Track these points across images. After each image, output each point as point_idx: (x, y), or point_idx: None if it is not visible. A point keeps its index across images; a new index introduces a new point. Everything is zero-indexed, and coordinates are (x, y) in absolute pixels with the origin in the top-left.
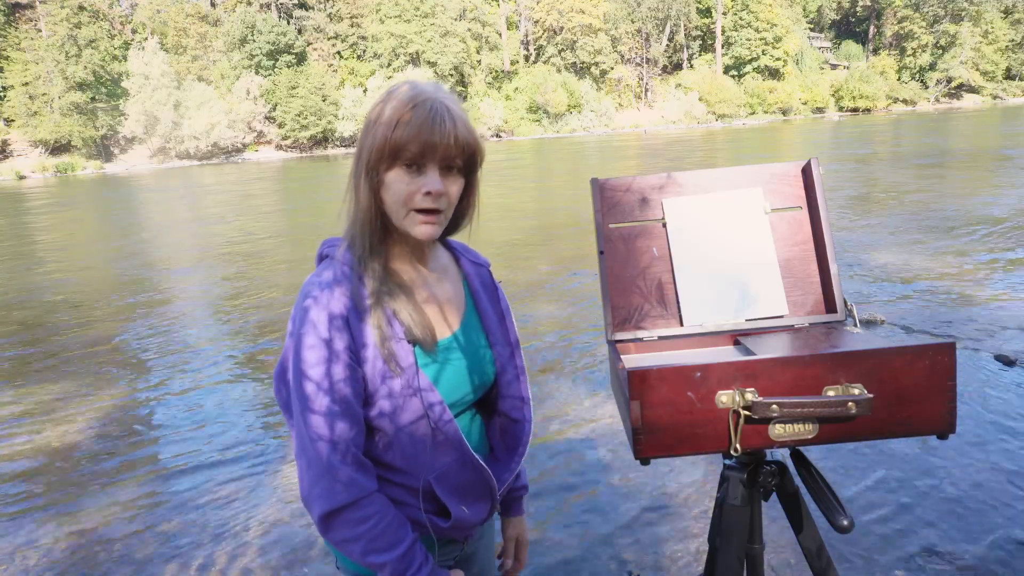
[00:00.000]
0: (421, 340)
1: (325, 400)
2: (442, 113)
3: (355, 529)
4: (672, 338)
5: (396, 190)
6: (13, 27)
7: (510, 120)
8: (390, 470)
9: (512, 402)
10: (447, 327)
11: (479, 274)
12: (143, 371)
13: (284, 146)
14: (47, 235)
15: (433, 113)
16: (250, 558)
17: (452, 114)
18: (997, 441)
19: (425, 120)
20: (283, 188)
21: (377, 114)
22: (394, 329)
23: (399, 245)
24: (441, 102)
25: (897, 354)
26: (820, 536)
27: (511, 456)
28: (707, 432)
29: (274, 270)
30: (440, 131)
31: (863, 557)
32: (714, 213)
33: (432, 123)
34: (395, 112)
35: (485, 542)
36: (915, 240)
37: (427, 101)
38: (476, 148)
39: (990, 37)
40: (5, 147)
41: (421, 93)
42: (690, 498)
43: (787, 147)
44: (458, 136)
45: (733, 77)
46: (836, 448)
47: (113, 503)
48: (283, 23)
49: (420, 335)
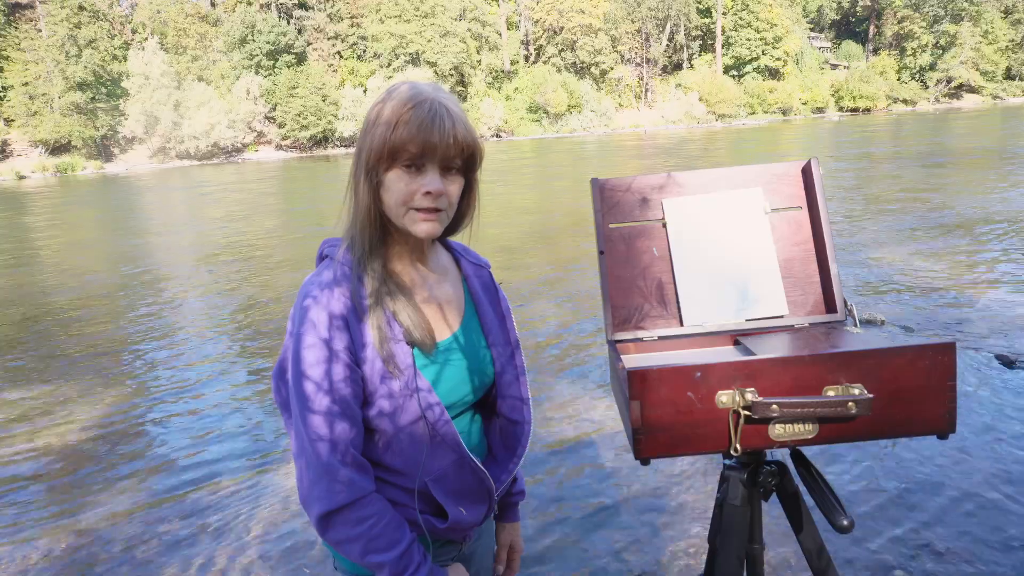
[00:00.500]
0: (420, 342)
1: (324, 400)
2: (441, 113)
3: (354, 529)
4: (672, 338)
5: (396, 190)
6: (13, 27)
7: (510, 120)
8: (388, 471)
9: (512, 403)
10: (447, 328)
11: (479, 275)
12: (143, 371)
13: (284, 146)
14: (47, 235)
15: (432, 113)
16: (250, 558)
17: (451, 114)
18: (997, 441)
19: (424, 120)
20: (283, 188)
21: (376, 115)
22: (393, 330)
23: (399, 245)
24: (440, 102)
25: (897, 354)
26: (820, 536)
27: (510, 457)
28: (707, 432)
29: (274, 270)
30: (439, 131)
31: (863, 557)
32: (714, 213)
33: (431, 123)
34: (394, 113)
35: (484, 542)
36: (915, 240)
37: (426, 101)
38: (475, 148)
39: (990, 37)
40: (5, 147)
41: (420, 93)
42: (690, 498)
43: (787, 147)
44: (457, 136)
45: (733, 77)
46: (836, 448)
47: (113, 503)
48: (283, 23)
49: (419, 337)
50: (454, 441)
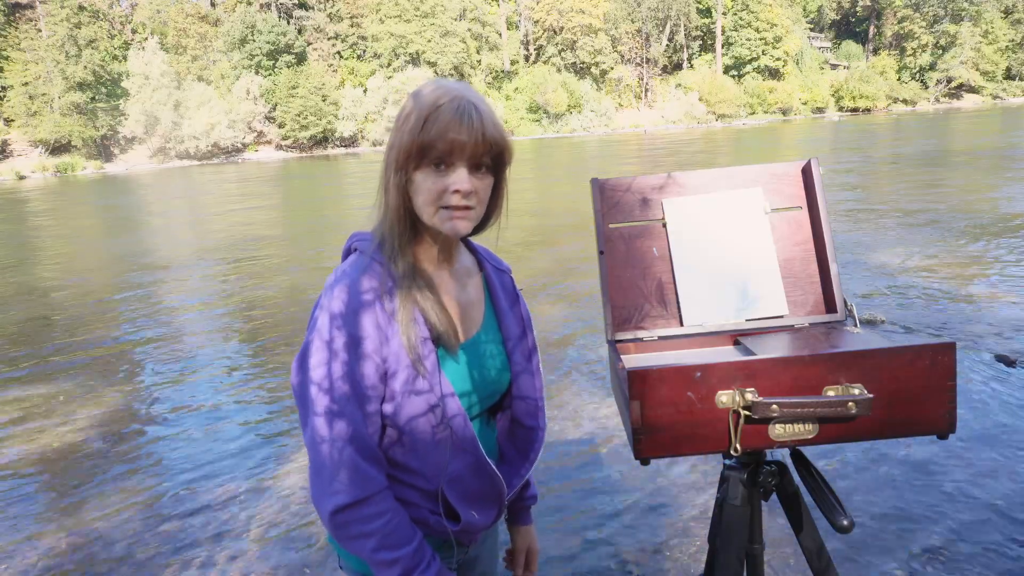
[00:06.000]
0: (445, 341)
1: (346, 394)
2: (469, 111)
3: (368, 525)
4: (672, 338)
5: (425, 189)
6: (13, 27)
7: (510, 120)
8: (403, 470)
9: (527, 408)
10: (470, 329)
11: (501, 279)
12: (143, 371)
13: (284, 146)
14: (47, 235)
15: (460, 111)
16: (250, 558)
17: (479, 111)
18: (997, 441)
19: (452, 118)
20: (283, 188)
21: (405, 114)
22: (420, 328)
23: (428, 244)
24: (468, 100)
25: (897, 354)
26: (820, 536)
27: (523, 461)
28: (707, 432)
29: (274, 270)
30: (467, 129)
31: (863, 557)
32: (714, 213)
33: (460, 121)
34: (421, 111)
35: (488, 545)
36: (916, 240)
37: (454, 100)
38: (504, 146)
39: (990, 37)
40: (5, 147)
41: (447, 92)
42: (690, 498)
43: (787, 147)
44: (485, 133)
45: (733, 77)
46: (836, 448)
47: (113, 503)
48: (283, 23)
49: (446, 336)
50: (472, 444)
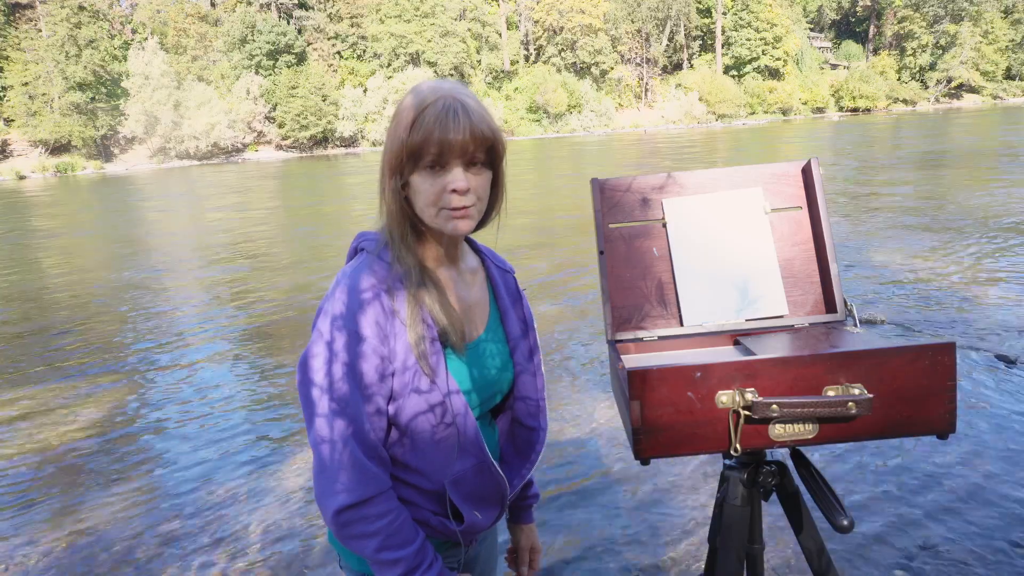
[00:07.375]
0: (453, 341)
1: (346, 395)
2: (455, 108)
3: (373, 524)
4: (672, 338)
5: (424, 191)
6: (13, 27)
7: (510, 120)
8: (406, 470)
9: (528, 409)
10: (475, 329)
11: (505, 280)
12: (143, 371)
13: (284, 146)
14: (47, 235)
15: (445, 110)
16: (250, 558)
17: (466, 108)
18: (997, 441)
19: (438, 119)
20: (283, 188)
21: (396, 119)
22: (427, 328)
23: (432, 245)
24: (454, 98)
25: (897, 354)
26: (820, 536)
27: (524, 462)
28: (707, 432)
29: (274, 270)
30: (454, 128)
31: (863, 557)
32: (714, 213)
33: (446, 121)
34: (409, 115)
35: (488, 544)
36: (915, 240)
37: (439, 100)
38: (495, 140)
39: (990, 37)
40: (5, 147)
41: (433, 92)
42: (690, 498)
43: (787, 147)
44: (473, 130)
45: (733, 77)
46: (836, 447)
47: (113, 503)
48: (283, 23)
49: (453, 336)
50: (477, 444)
